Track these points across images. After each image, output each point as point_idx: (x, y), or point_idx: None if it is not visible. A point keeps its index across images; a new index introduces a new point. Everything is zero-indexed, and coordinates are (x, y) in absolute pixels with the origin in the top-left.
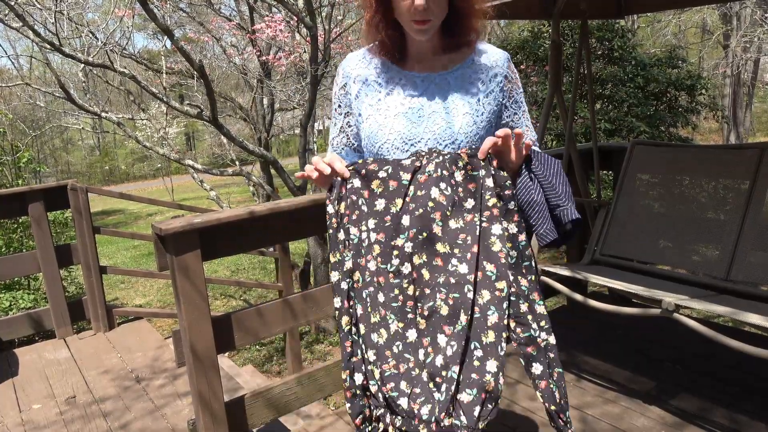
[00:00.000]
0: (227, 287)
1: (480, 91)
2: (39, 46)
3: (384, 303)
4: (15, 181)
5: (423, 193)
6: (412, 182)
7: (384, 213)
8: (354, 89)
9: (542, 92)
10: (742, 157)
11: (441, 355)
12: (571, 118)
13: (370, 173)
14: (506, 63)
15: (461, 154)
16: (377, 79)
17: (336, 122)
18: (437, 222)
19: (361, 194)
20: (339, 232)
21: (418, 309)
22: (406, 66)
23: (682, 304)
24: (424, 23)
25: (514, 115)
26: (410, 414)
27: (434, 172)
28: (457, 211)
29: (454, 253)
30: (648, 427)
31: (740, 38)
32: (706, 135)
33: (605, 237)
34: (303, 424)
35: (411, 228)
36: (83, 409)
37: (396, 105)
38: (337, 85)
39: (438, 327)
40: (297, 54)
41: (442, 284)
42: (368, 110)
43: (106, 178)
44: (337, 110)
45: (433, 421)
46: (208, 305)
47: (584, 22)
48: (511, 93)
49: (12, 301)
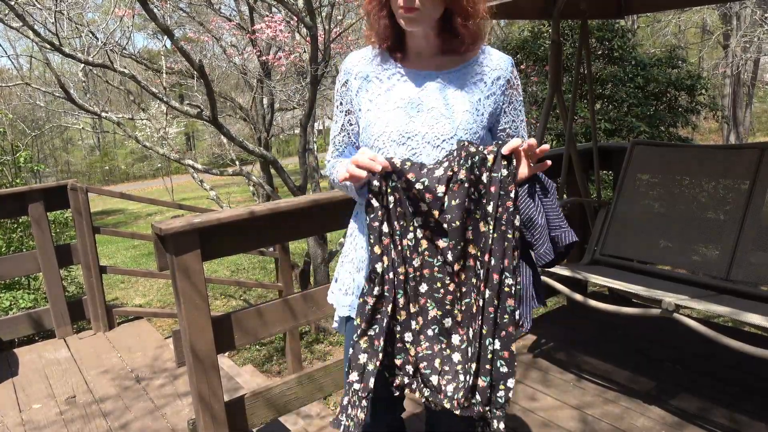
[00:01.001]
0: (227, 287)
1: (481, 91)
2: (39, 46)
3: (425, 293)
4: (15, 180)
5: (457, 202)
6: (446, 193)
7: (428, 213)
8: (355, 85)
9: (542, 92)
10: (742, 157)
11: (471, 347)
12: (571, 118)
13: (410, 184)
14: (510, 67)
15: (487, 155)
16: (378, 75)
17: (337, 120)
18: (468, 227)
19: (408, 196)
20: (383, 225)
21: (456, 305)
22: (408, 63)
23: (682, 304)
24: (411, 11)
25: (512, 122)
26: (438, 389)
27: (466, 180)
28: (484, 213)
29: (478, 256)
30: (648, 427)
31: (740, 38)
32: (706, 135)
33: (605, 237)
34: (303, 424)
35: (450, 238)
36: (83, 409)
37: (395, 99)
38: (338, 82)
39: (470, 322)
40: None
41: (474, 285)
42: (367, 105)
43: (106, 178)
44: (338, 108)
45: (455, 398)
46: (208, 305)
47: (584, 22)
48: (512, 98)
49: (12, 301)
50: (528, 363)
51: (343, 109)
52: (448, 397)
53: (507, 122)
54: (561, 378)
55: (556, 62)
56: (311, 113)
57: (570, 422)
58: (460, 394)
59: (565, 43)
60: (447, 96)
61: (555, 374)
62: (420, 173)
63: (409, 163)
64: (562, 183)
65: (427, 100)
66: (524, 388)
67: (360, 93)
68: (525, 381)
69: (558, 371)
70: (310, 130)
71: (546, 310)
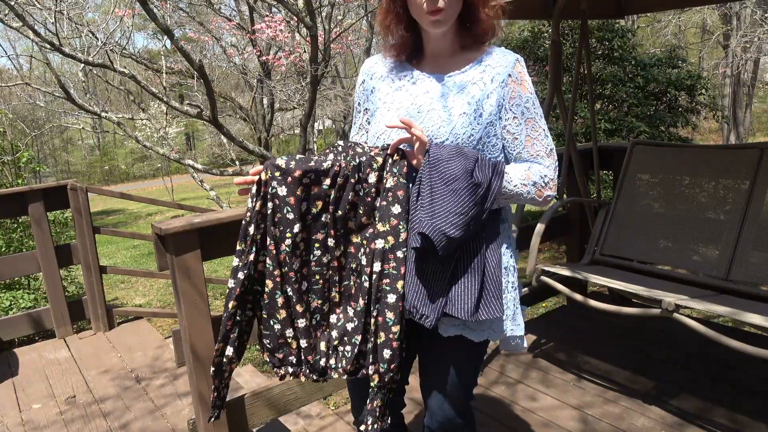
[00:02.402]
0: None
1: (481, 91)
2: (39, 46)
3: (306, 289)
4: (15, 181)
5: (341, 194)
6: (331, 186)
7: (306, 213)
8: (370, 85)
9: (542, 92)
10: (742, 157)
11: (350, 323)
12: (571, 118)
13: (296, 181)
14: (514, 63)
15: (375, 156)
16: (390, 75)
17: (356, 120)
18: (351, 218)
19: (287, 202)
20: (250, 226)
21: (335, 287)
22: (421, 66)
23: (682, 304)
24: (438, 12)
25: (513, 119)
26: (324, 368)
27: (351, 176)
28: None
29: (363, 243)
30: (648, 427)
31: (740, 38)
32: (706, 135)
33: (605, 237)
34: (303, 424)
35: (331, 226)
36: (83, 409)
37: (401, 101)
38: (358, 83)
39: (348, 302)
40: (297, 54)
41: (354, 269)
42: (377, 104)
43: (106, 178)
44: (356, 108)
45: (339, 368)
46: (208, 305)
47: (584, 22)
48: (514, 94)
49: (12, 301)
50: (528, 363)
51: (361, 109)
52: (335, 369)
53: (507, 119)
54: (561, 378)
55: (556, 62)
56: (311, 113)
57: (570, 422)
58: (343, 362)
59: (565, 43)
60: (447, 99)
61: (555, 374)
62: (307, 169)
63: (294, 162)
64: (562, 183)
65: (428, 103)
66: (524, 388)
67: (374, 93)
68: (525, 381)
69: (558, 371)
70: (310, 130)
71: (546, 310)
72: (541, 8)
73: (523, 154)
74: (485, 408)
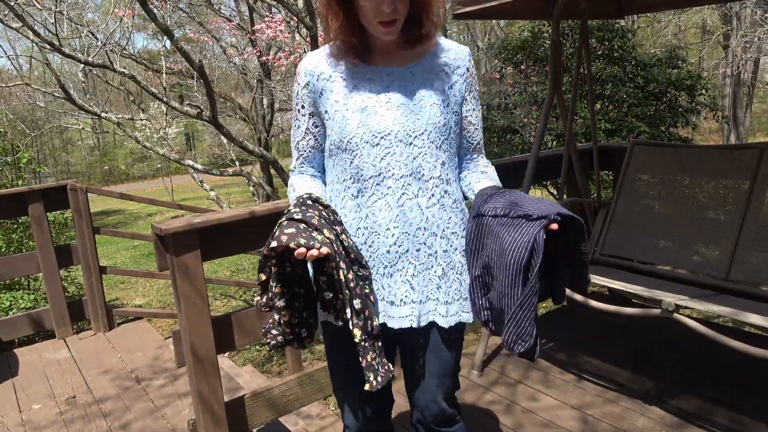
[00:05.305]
0: (227, 287)
1: (445, 82)
2: (39, 47)
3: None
4: (15, 181)
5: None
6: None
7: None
8: (319, 87)
9: (542, 92)
10: (742, 157)
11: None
12: (571, 118)
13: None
14: (468, 57)
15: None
16: (342, 75)
17: (300, 125)
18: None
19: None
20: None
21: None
22: (371, 61)
23: (682, 304)
24: (392, 24)
25: (473, 110)
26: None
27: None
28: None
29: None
30: (648, 427)
31: (740, 38)
32: (706, 135)
33: (605, 237)
34: (303, 424)
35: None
36: (83, 409)
37: (363, 99)
38: (299, 84)
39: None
40: (297, 54)
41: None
42: (334, 106)
43: (106, 178)
44: (300, 111)
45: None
46: (207, 305)
47: (584, 22)
48: (471, 87)
49: (12, 301)
50: (528, 363)
51: (306, 113)
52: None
53: (467, 110)
54: (561, 378)
55: (556, 62)
56: None
57: (570, 422)
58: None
59: (565, 43)
60: (414, 91)
61: (555, 374)
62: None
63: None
64: (562, 183)
65: (395, 97)
66: (524, 388)
67: (324, 94)
68: (525, 381)
69: (558, 371)
70: None
71: (546, 310)
72: (541, 8)
73: (480, 143)
74: (485, 408)
